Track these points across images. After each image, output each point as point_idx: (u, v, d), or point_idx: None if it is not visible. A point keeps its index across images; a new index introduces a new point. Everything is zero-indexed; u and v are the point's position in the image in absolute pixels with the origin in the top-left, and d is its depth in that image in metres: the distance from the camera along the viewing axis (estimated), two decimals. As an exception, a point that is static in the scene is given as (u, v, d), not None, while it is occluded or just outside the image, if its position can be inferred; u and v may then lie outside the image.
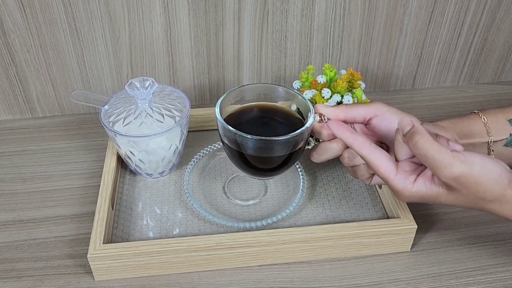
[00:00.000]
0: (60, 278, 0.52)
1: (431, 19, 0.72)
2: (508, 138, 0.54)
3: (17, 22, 0.64)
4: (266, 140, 0.46)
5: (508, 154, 0.54)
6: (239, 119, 0.52)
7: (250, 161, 0.50)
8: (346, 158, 0.51)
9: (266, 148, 0.47)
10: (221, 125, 0.49)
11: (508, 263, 0.53)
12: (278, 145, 0.47)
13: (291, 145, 0.48)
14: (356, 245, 0.53)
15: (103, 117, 0.57)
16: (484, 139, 0.54)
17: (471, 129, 0.54)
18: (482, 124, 0.54)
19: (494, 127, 0.54)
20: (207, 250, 0.50)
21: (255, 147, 0.47)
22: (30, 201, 0.61)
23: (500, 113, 0.55)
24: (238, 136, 0.47)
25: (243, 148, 0.48)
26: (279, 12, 0.69)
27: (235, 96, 0.53)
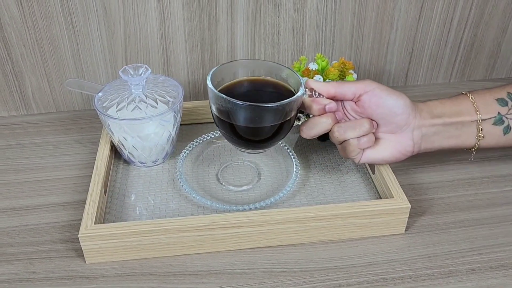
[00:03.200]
0: (51, 261, 0.51)
1: (421, 14, 0.74)
2: (496, 117, 0.55)
3: (14, 16, 0.65)
4: (256, 106, 0.47)
5: (497, 133, 0.55)
6: (231, 91, 0.53)
7: (241, 131, 0.50)
8: (336, 133, 0.51)
9: (256, 116, 0.48)
10: (213, 94, 0.49)
11: (504, 244, 0.53)
12: (268, 113, 0.48)
13: (281, 114, 0.49)
14: (350, 226, 0.53)
15: (96, 103, 0.58)
16: (473, 118, 0.54)
17: (460, 108, 0.54)
18: (471, 103, 0.55)
19: (482, 106, 0.55)
20: (200, 230, 0.50)
21: (246, 114, 0.48)
22: (22, 190, 0.60)
23: (487, 93, 0.56)
24: (228, 103, 0.47)
25: (234, 117, 0.48)
26: (272, 7, 0.70)
27: (227, 70, 0.53)
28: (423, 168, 0.63)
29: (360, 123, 0.51)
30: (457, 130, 0.54)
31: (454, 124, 0.54)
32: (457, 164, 0.64)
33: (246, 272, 0.50)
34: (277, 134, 0.51)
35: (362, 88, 0.51)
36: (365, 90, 0.51)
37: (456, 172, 0.63)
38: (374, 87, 0.51)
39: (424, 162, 0.64)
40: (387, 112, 0.52)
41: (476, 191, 0.60)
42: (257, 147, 0.55)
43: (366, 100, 0.51)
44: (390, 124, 0.52)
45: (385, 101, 0.51)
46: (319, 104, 0.51)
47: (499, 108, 0.55)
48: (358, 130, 0.51)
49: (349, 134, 0.51)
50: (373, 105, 0.51)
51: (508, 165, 0.64)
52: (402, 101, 0.52)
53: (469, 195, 0.60)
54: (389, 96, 0.51)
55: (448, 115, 0.54)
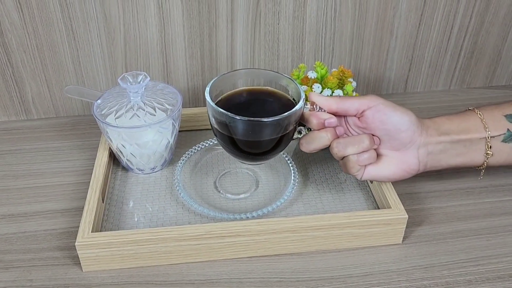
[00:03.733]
0: (48, 269, 0.51)
1: (421, 22, 0.74)
2: (505, 134, 0.53)
3: (14, 22, 0.66)
4: (255, 122, 0.47)
5: (506, 150, 0.54)
6: (230, 103, 0.53)
7: (240, 144, 0.50)
8: (335, 148, 0.50)
9: (254, 130, 0.48)
10: (211, 108, 0.49)
11: (501, 255, 0.53)
12: (267, 127, 0.47)
13: (280, 128, 0.49)
14: (347, 236, 0.52)
15: (95, 111, 0.58)
16: (482, 135, 0.53)
17: (468, 125, 0.53)
18: (479, 119, 0.53)
19: (491, 123, 0.53)
20: (197, 239, 0.50)
21: (244, 128, 0.47)
22: (21, 197, 0.61)
23: (496, 109, 0.54)
24: (227, 118, 0.47)
25: (233, 130, 0.48)
26: (271, 14, 0.70)
27: (226, 81, 0.53)
28: (421, 177, 0.63)
29: (360, 139, 0.50)
30: (465, 147, 0.53)
31: (462, 142, 0.52)
32: (455, 173, 0.64)
33: (243, 282, 0.50)
34: (276, 147, 0.51)
35: (365, 104, 0.50)
36: (369, 106, 0.50)
37: (454, 181, 0.63)
38: (378, 102, 0.50)
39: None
40: (391, 128, 0.50)
41: (474, 201, 0.60)
42: (256, 159, 0.54)
43: (369, 116, 0.50)
44: (394, 141, 0.51)
45: (390, 117, 0.50)
46: (319, 118, 0.50)
47: (508, 124, 0.53)
48: (358, 146, 0.50)
49: (348, 150, 0.50)
50: (377, 121, 0.50)
51: (507, 174, 0.64)
52: (408, 117, 0.50)
53: (467, 204, 0.59)
54: (393, 112, 0.50)
55: (456, 132, 0.52)
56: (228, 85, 0.54)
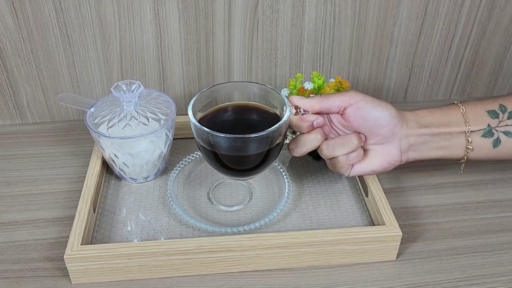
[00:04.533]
0: (37, 280, 0.51)
1: (422, 31, 0.73)
2: (485, 129, 0.53)
3: (9, 27, 0.65)
4: (242, 138, 0.46)
5: (486, 145, 0.54)
6: (214, 119, 0.52)
7: (227, 161, 0.49)
8: (325, 150, 0.50)
9: (243, 146, 0.47)
10: (195, 127, 0.48)
11: (496, 274, 0.52)
12: (254, 142, 0.47)
13: (269, 142, 0.48)
14: (339, 252, 0.52)
15: (88, 119, 0.57)
16: (462, 129, 0.53)
17: (449, 119, 0.53)
18: (460, 114, 0.53)
19: (472, 118, 0.53)
20: (187, 253, 0.49)
21: (231, 146, 0.47)
22: (13, 204, 0.60)
23: (479, 104, 0.54)
24: (212, 136, 0.46)
25: (219, 148, 0.48)
26: (269, 21, 0.69)
27: (207, 96, 0.52)
28: (417, 191, 0.62)
29: (349, 139, 0.51)
30: (445, 140, 0.53)
31: (442, 135, 0.53)
32: (452, 187, 0.63)
33: (233, 297, 0.49)
34: (265, 160, 0.50)
35: (346, 100, 0.50)
36: (350, 103, 0.50)
37: (451, 195, 0.62)
38: (358, 99, 0.50)
39: (419, 185, 0.63)
40: (373, 124, 0.50)
41: (471, 216, 0.59)
42: (246, 175, 0.54)
43: (351, 114, 0.50)
44: (377, 136, 0.51)
45: (370, 113, 0.50)
46: (306, 121, 0.50)
47: (489, 120, 0.53)
48: (347, 147, 0.50)
49: (337, 151, 0.50)
50: (359, 118, 0.50)
51: (504, 189, 0.63)
52: (388, 111, 0.51)
53: (464, 220, 0.59)
54: (374, 108, 0.50)
55: (436, 125, 0.53)
56: (212, 99, 0.53)
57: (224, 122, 0.53)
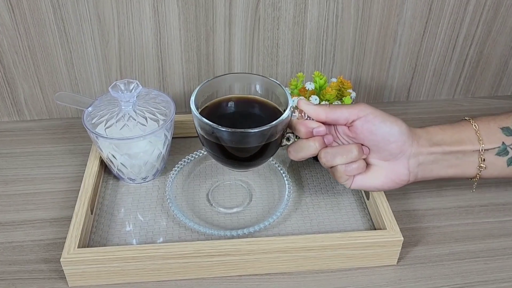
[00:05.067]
0: (33, 282, 0.50)
1: (426, 30, 0.71)
2: (500, 147, 0.51)
3: (5, 23, 0.64)
4: (240, 132, 0.45)
5: (500, 164, 0.52)
6: (216, 111, 0.51)
7: (226, 152, 0.49)
8: (323, 158, 0.49)
9: (240, 139, 0.46)
10: (196, 118, 0.47)
11: (498, 280, 0.51)
12: (252, 136, 0.46)
13: (266, 137, 0.47)
14: (339, 256, 0.51)
15: (85, 119, 0.56)
16: (475, 147, 0.51)
17: (462, 136, 0.51)
18: (473, 131, 0.51)
19: (486, 135, 0.51)
20: (185, 257, 0.49)
21: (229, 137, 0.46)
22: (10, 204, 0.59)
23: (492, 121, 0.52)
24: (213, 129, 0.46)
25: (218, 138, 0.47)
26: (271, 19, 0.68)
27: (212, 87, 0.51)
28: (420, 193, 0.61)
29: (349, 149, 0.49)
30: (457, 159, 0.51)
31: (455, 153, 0.51)
32: (455, 190, 0.62)
33: (232, 302, 0.49)
34: (263, 153, 0.49)
35: (355, 113, 0.48)
36: (358, 116, 0.48)
37: (454, 198, 0.61)
38: (367, 112, 0.48)
39: (421, 187, 0.62)
40: (380, 139, 0.49)
41: (473, 220, 0.58)
42: (244, 166, 0.53)
43: (358, 126, 0.48)
44: (383, 152, 0.49)
45: (379, 128, 0.48)
46: (307, 127, 0.48)
47: (503, 137, 0.51)
48: (346, 156, 0.49)
49: (336, 161, 0.49)
50: (366, 132, 0.48)
51: (508, 192, 0.62)
52: (397, 128, 0.49)
53: (466, 224, 0.58)
54: (383, 123, 0.48)
55: (448, 143, 0.51)
56: (215, 90, 0.52)
57: (226, 114, 0.52)
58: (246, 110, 0.53)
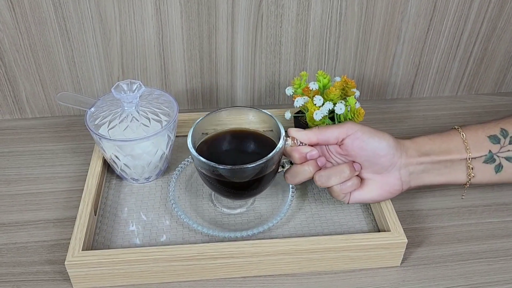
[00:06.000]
0: (37, 284, 0.50)
1: (430, 27, 0.71)
2: (487, 155, 0.53)
3: (6, 21, 0.63)
4: (236, 169, 0.48)
5: (488, 171, 0.53)
6: (213, 145, 0.54)
7: (227, 186, 0.51)
8: (318, 181, 0.51)
9: (237, 174, 0.49)
10: (194, 157, 0.50)
11: (501, 282, 0.52)
12: (249, 170, 0.48)
13: (262, 169, 0.49)
14: (343, 258, 0.51)
15: (88, 120, 0.56)
16: (463, 156, 0.52)
17: (450, 146, 0.53)
18: (461, 140, 0.53)
19: (473, 144, 0.53)
20: (189, 260, 0.49)
21: (229, 174, 0.49)
22: (13, 204, 0.59)
23: (480, 129, 0.54)
24: (212, 167, 0.48)
25: (218, 175, 0.50)
26: (274, 17, 0.67)
27: (208, 123, 0.54)
28: (423, 193, 0.61)
29: (341, 169, 0.51)
30: (446, 168, 0.53)
31: (443, 162, 0.52)
32: (458, 190, 0.62)
33: (235, 303, 0.49)
34: (258, 186, 0.52)
35: (344, 132, 0.50)
36: (347, 134, 0.50)
37: (457, 198, 0.61)
38: (356, 130, 0.50)
39: (425, 187, 0.62)
40: (371, 154, 0.50)
41: (476, 220, 0.58)
42: (245, 196, 0.55)
43: (349, 144, 0.50)
44: (375, 166, 0.51)
45: (368, 143, 0.50)
46: (300, 152, 0.50)
47: (490, 146, 0.53)
48: (339, 176, 0.51)
49: (331, 182, 0.51)
50: (356, 148, 0.50)
51: (511, 192, 0.62)
52: (385, 142, 0.50)
53: (469, 224, 0.58)
54: (371, 138, 0.50)
55: (436, 153, 0.52)
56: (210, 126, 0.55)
57: (223, 149, 0.55)
58: (242, 143, 0.56)
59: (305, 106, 0.60)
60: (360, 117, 0.58)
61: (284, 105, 0.77)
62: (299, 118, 0.64)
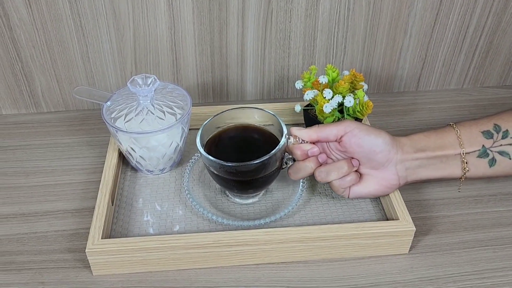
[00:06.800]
0: (59, 272, 0.52)
1: (436, 21, 0.72)
2: (480, 150, 0.54)
3: (23, 18, 0.65)
4: (242, 165, 0.51)
5: (482, 165, 0.55)
6: (220, 143, 0.57)
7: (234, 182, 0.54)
8: (318, 177, 0.54)
9: (242, 170, 0.51)
10: (203, 155, 0.53)
11: (507, 268, 0.53)
12: (254, 167, 0.51)
13: (266, 166, 0.52)
14: (353, 246, 0.53)
15: (105, 113, 0.58)
16: (457, 151, 0.54)
17: (444, 142, 0.55)
18: (455, 136, 0.55)
19: (467, 139, 0.55)
20: (205, 247, 0.51)
21: (235, 171, 0.52)
22: (32, 195, 0.61)
23: (474, 125, 0.56)
24: (220, 165, 0.51)
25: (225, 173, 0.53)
26: (283, 12, 0.69)
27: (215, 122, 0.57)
28: (430, 184, 0.63)
29: (339, 165, 0.53)
30: (442, 163, 0.55)
31: (438, 157, 0.54)
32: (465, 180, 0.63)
33: (250, 289, 0.51)
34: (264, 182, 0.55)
35: (342, 129, 0.53)
36: (345, 131, 0.53)
37: (463, 188, 0.63)
38: (353, 127, 0.52)
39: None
40: (367, 151, 0.53)
41: (482, 209, 0.60)
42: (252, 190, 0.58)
43: (347, 141, 0.53)
44: (372, 162, 0.53)
45: (364, 141, 0.52)
46: (302, 150, 0.53)
47: (483, 141, 0.54)
48: (338, 172, 0.53)
49: (330, 177, 0.53)
50: (354, 145, 0.53)
51: (517, 182, 0.64)
52: (381, 139, 0.53)
53: (475, 213, 0.59)
54: (367, 136, 0.52)
55: (431, 148, 0.54)
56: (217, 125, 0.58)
57: (228, 146, 0.58)
58: (247, 140, 0.59)
59: (315, 99, 0.61)
60: (368, 110, 0.60)
61: (293, 99, 0.78)
62: (308, 111, 0.65)
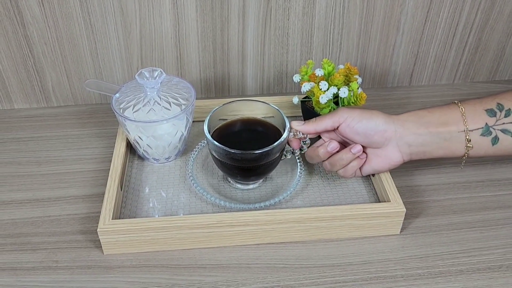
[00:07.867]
0: (72, 251, 0.56)
1: (427, 19, 0.76)
2: (483, 128, 0.56)
3: (35, 16, 0.69)
4: (247, 153, 0.55)
5: (485, 143, 0.56)
6: (225, 132, 0.61)
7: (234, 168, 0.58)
8: (325, 169, 0.59)
9: (246, 158, 0.55)
10: (209, 141, 0.57)
11: (492, 247, 0.56)
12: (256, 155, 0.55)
13: (268, 155, 0.56)
14: (348, 227, 0.56)
15: (114, 104, 0.61)
16: (460, 128, 0.56)
17: (448, 118, 0.56)
18: (460, 113, 0.56)
19: (471, 117, 0.56)
20: (208, 227, 0.54)
21: (237, 157, 0.55)
22: (44, 182, 0.65)
23: (478, 103, 0.57)
24: (225, 151, 0.55)
25: (230, 159, 0.56)
26: (282, 10, 0.72)
27: (220, 113, 0.61)
28: (421, 171, 0.67)
29: (339, 157, 0.57)
30: (445, 140, 0.56)
31: (442, 134, 0.56)
32: (454, 167, 0.67)
33: (251, 267, 0.54)
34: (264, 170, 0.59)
35: (337, 120, 0.57)
36: (339, 121, 0.56)
37: (452, 175, 0.66)
38: (345, 117, 0.56)
39: (422, 165, 0.67)
40: (363, 135, 0.56)
41: (470, 195, 0.63)
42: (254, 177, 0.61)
43: (342, 130, 0.57)
44: (372, 144, 0.57)
45: (358, 127, 0.56)
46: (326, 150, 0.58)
47: (487, 118, 0.56)
48: (339, 164, 0.57)
49: (334, 168, 0.58)
50: (350, 133, 0.56)
51: (503, 169, 0.67)
52: (373, 122, 0.56)
53: (464, 198, 0.63)
54: (359, 122, 0.56)
55: (435, 124, 0.56)
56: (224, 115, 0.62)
57: (233, 136, 0.62)
58: (251, 131, 0.63)
59: (312, 91, 0.65)
60: (362, 101, 0.64)
61: (291, 93, 0.82)
62: (305, 102, 0.69)
